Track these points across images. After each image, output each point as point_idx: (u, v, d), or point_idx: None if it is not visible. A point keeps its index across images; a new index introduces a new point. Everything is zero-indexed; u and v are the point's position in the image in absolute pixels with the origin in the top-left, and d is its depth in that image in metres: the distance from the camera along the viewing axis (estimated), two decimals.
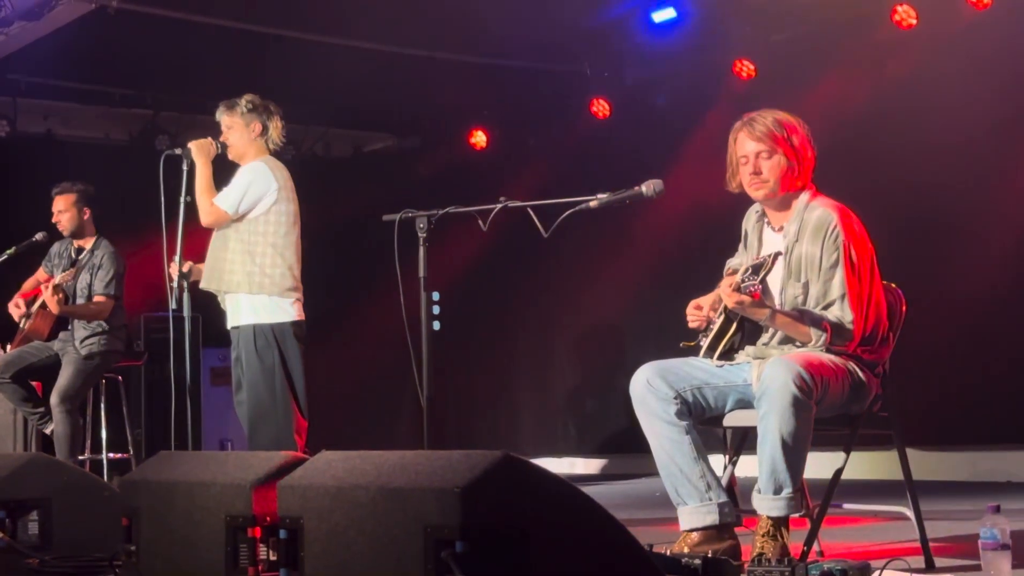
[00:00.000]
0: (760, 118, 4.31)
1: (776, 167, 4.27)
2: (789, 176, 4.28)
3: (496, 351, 10.85)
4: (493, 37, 8.81)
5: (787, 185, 4.30)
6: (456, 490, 2.78)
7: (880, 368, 4.28)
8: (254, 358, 5.88)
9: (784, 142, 4.26)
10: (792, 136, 4.28)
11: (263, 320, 5.91)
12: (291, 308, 5.95)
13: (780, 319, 4.15)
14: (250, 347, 5.89)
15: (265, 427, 5.86)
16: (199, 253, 6.08)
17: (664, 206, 4.91)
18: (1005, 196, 7.41)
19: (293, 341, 5.93)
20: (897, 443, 4.34)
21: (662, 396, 4.19)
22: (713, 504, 4.14)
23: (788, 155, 4.26)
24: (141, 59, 8.98)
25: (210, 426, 9.64)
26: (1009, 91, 7.39)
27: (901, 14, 7.74)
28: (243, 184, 5.92)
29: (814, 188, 4.35)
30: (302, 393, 5.95)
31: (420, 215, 4.62)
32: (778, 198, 4.33)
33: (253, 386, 5.89)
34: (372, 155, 11.71)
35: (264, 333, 5.89)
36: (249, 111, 6.01)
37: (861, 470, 7.16)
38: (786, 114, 4.34)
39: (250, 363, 5.89)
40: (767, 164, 4.27)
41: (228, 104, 6.05)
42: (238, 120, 6.02)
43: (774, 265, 4.24)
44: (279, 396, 5.87)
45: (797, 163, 4.28)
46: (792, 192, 4.32)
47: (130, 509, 3.86)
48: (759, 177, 4.28)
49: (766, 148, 4.26)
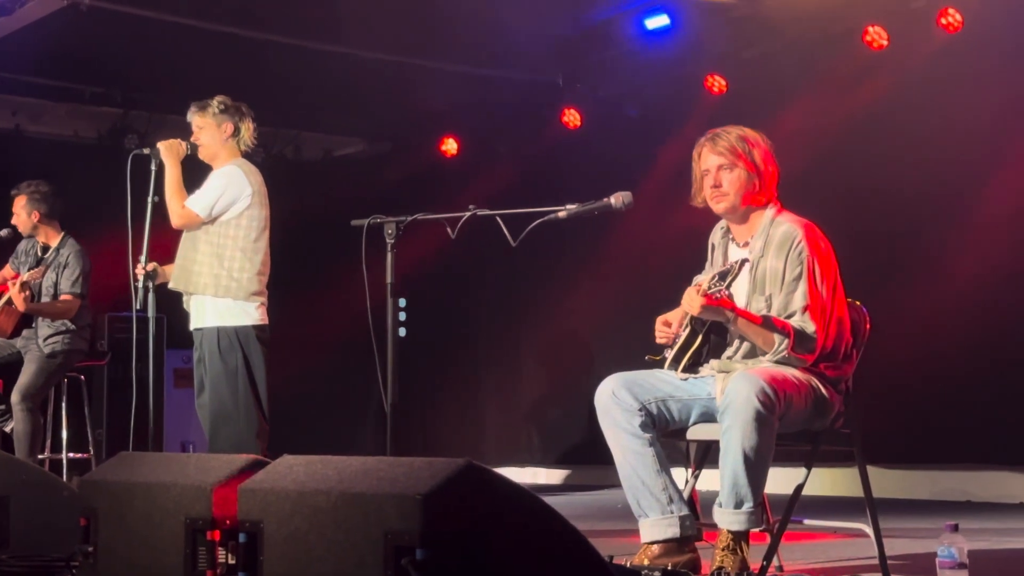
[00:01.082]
0: (724, 133, 4.34)
1: (736, 181, 4.30)
2: (750, 190, 4.31)
3: (462, 359, 10.85)
4: (466, 44, 8.81)
5: (748, 199, 4.32)
6: (418, 497, 2.77)
7: (843, 385, 4.31)
8: (217, 360, 5.85)
9: (745, 156, 4.29)
10: (754, 151, 4.31)
11: (227, 323, 5.88)
12: (255, 312, 5.93)
13: (743, 321, 4.16)
14: (213, 349, 5.86)
15: (226, 430, 5.83)
16: (165, 254, 6.05)
17: (633, 218, 4.92)
18: (973, 216, 7.47)
19: (257, 345, 5.91)
20: (858, 460, 4.37)
21: (627, 408, 4.20)
22: (674, 517, 4.15)
23: (749, 169, 4.29)
24: (112, 57, 8.94)
25: (172, 428, 9.59)
26: (979, 113, 7.45)
27: (872, 35, 7.79)
28: (217, 187, 5.90)
29: (779, 204, 4.37)
30: (264, 397, 5.93)
31: (388, 221, 4.61)
32: (739, 212, 4.35)
33: (215, 388, 5.86)
34: (342, 159, 11.69)
35: (228, 336, 5.86)
36: (221, 112, 5.98)
37: (822, 486, 7.21)
38: (750, 130, 4.37)
39: (213, 365, 5.86)
40: (728, 177, 4.30)
41: (200, 104, 6.02)
42: (209, 121, 5.99)
43: (740, 271, 4.26)
44: (241, 399, 5.84)
45: (759, 178, 4.30)
46: (755, 207, 4.35)
47: (89, 509, 3.83)
48: (719, 190, 4.32)
49: (727, 162, 4.30)
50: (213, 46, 8.50)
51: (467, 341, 10.80)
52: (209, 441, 5.92)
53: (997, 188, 7.34)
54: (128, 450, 4.77)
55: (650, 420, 4.21)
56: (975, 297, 7.48)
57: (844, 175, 8.00)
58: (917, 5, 7.69)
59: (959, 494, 7.45)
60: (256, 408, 5.88)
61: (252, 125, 6.08)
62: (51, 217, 7.52)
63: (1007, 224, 7.32)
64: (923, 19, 7.62)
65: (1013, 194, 7.28)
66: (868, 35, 7.80)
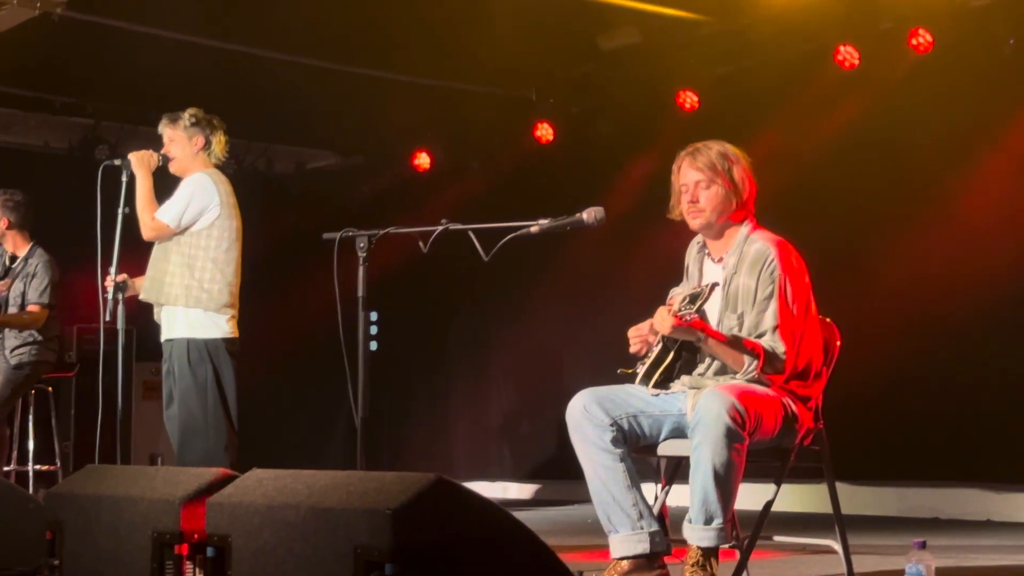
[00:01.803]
0: (704, 149, 4.35)
1: (713, 197, 4.31)
2: (727, 207, 4.32)
3: (433, 373, 10.83)
4: (440, 59, 8.82)
5: (725, 216, 4.34)
6: (387, 512, 2.76)
7: (813, 402, 4.32)
8: (187, 372, 5.82)
9: (723, 174, 4.31)
10: (733, 167, 4.33)
11: (197, 335, 5.85)
12: (226, 324, 5.90)
13: (713, 342, 4.18)
14: (183, 361, 5.83)
15: (196, 442, 5.80)
16: (135, 265, 6.01)
17: (605, 233, 4.93)
18: (943, 233, 7.52)
19: (226, 357, 5.88)
20: (827, 477, 4.38)
21: (598, 423, 4.20)
22: (644, 533, 4.15)
23: (727, 186, 4.31)
24: (83, 68, 8.90)
25: (140, 440, 9.53)
26: (950, 132, 7.50)
27: (844, 54, 7.84)
28: (185, 196, 5.87)
29: (755, 221, 4.39)
30: (234, 410, 5.90)
31: (360, 234, 4.60)
32: (715, 228, 4.37)
33: (184, 401, 5.83)
34: (315, 172, 11.67)
35: (198, 348, 5.83)
36: (192, 124, 5.96)
37: (791, 503, 7.22)
38: (731, 147, 4.38)
39: (182, 377, 5.83)
40: (705, 194, 4.32)
41: (171, 117, 6.00)
42: (180, 133, 5.97)
43: (711, 295, 4.27)
44: (211, 412, 5.81)
45: (736, 195, 4.32)
46: (732, 223, 4.36)
47: (55, 522, 3.80)
48: (696, 206, 4.33)
49: (705, 178, 4.31)
50: (185, 58, 8.47)
51: (438, 355, 10.79)
52: (177, 454, 5.88)
53: (967, 206, 7.39)
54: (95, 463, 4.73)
55: (621, 435, 4.21)
56: (943, 315, 7.52)
57: (816, 192, 8.04)
58: (887, 26, 7.75)
59: (927, 511, 7.48)
60: (226, 421, 5.85)
61: (224, 138, 6.06)
62: (21, 227, 7.47)
63: (978, 241, 7.37)
64: (894, 39, 7.67)
65: (983, 212, 7.33)
66: (840, 54, 7.84)
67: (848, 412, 6.43)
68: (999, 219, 7.31)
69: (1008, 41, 7.27)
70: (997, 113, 7.37)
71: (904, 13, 7.62)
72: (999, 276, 7.28)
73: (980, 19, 7.37)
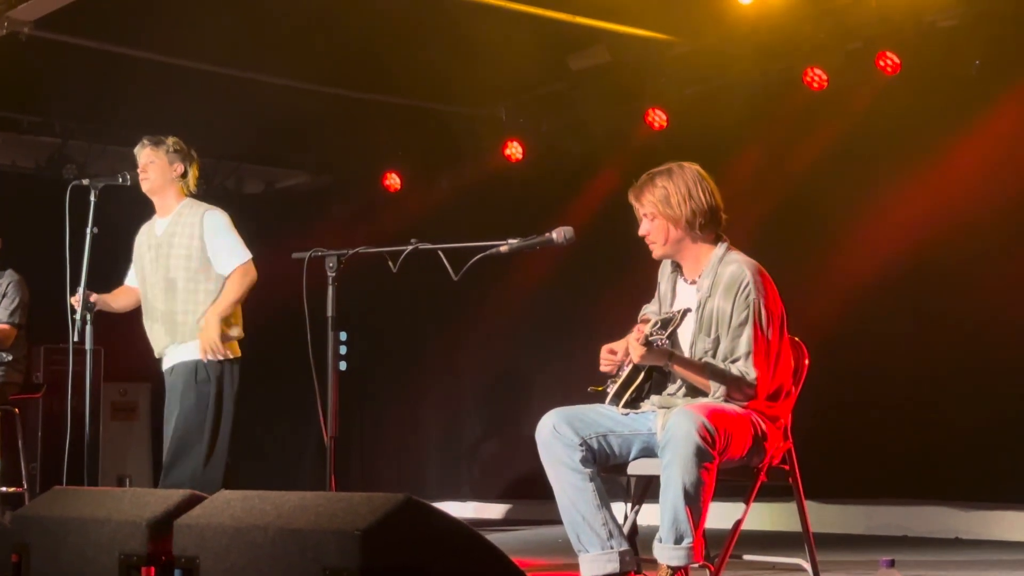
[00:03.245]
0: (647, 182, 4.39)
1: (660, 230, 4.36)
2: (676, 235, 4.35)
3: (402, 393, 10.80)
4: (411, 78, 8.83)
5: (683, 241, 4.36)
6: (356, 533, 2.75)
7: (782, 421, 4.34)
8: (192, 391, 5.83)
9: (661, 208, 4.32)
10: (671, 198, 4.32)
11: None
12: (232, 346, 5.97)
13: (680, 367, 4.19)
14: (190, 380, 5.85)
15: (187, 461, 5.79)
16: (103, 285, 5.99)
17: (575, 252, 4.94)
18: (913, 254, 7.56)
19: (232, 378, 5.93)
20: (796, 495, 4.39)
21: (568, 442, 4.20)
22: (614, 552, 4.15)
23: (671, 216, 4.32)
24: (51, 87, 8.86)
25: (108, 462, 9.46)
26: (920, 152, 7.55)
27: (812, 76, 7.89)
28: (230, 229, 6.00)
29: (728, 241, 4.40)
30: (228, 433, 5.91)
31: (330, 254, 4.59)
32: (679, 253, 4.40)
33: (185, 418, 5.82)
34: (284, 192, 11.64)
35: (205, 368, 5.85)
36: (175, 152, 6.03)
37: (761, 521, 7.24)
38: (676, 169, 4.38)
39: (186, 395, 5.83)
40: (652, 227, 4.38)
41: (154, 140, 6.06)
42: (162, 157, 6.03)
43: (682, 321, 4.28)
44: (207, 433, 5.82)
45: (680, 223, 4.31)
46: (702, 244, 4.37)
47: (20, 545, 3.77)
48: (648, 239, 4.40)
49: (648, 212, 4.36)
50: (154, 77, 8.45)
51: (408, 375, 10.76)
52: (165, 470, 5.85)
53: (938, 227, 7.43)
54: (63, 484, 4.70)
55: (591, 455, 4.22)
56: (911, 335, 7.57)
57: (784, 211, 8.07)
58: (855, 46, 7.80)
59: (895, 528, 7.51)
60: (221, 443, 5.87)
61: (197, 172, 6.15)
62: None
63: (947, 262, 7.41)
64: (861, 61, 7.72)
65: (953, 233, 7.37)
66: (808, 76, 7.89)
67: (817, 431, 6.46)
68: (966, 240, 7.36)
69: (974, 62, 7.33)
70: (963, 133, 7.43)
71: (871, 34, 7.67)
72: (965, 296, 7.33)
73: (946, 40, 7.43)
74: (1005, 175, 7.25)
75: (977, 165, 7.31)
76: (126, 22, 7.71)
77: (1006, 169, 7.25)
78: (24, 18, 7.34)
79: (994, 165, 7.28)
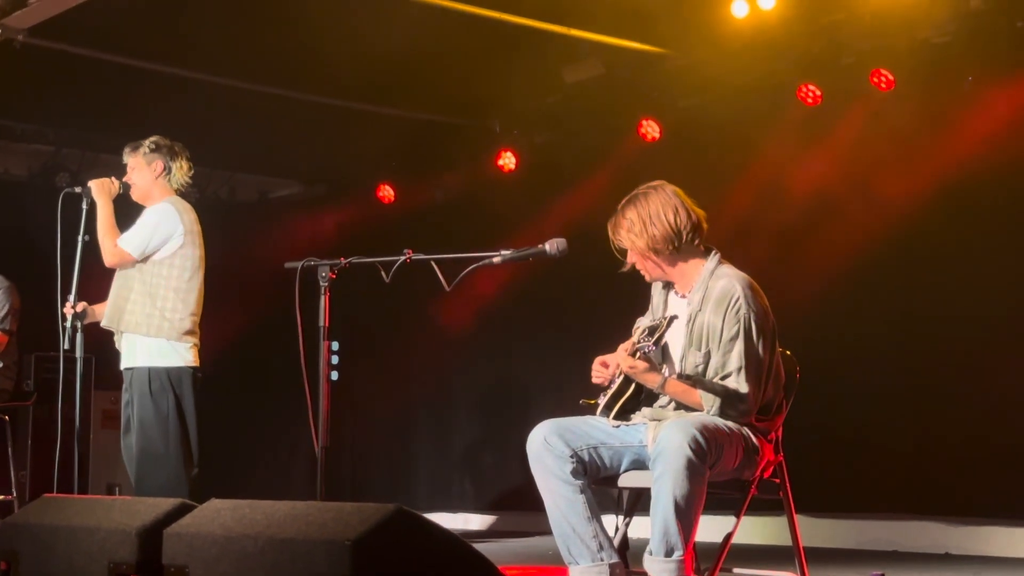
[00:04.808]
0: (616, 216, 4.39)
1: (649, 266, 4.41)
2: (658, 259, 4.36)
3: (394, 403, 10.79)
4: (405, 89, 8.83)
5: (673, 263, 4.37)
6: (347, 543, 2.75)
7: (773, 435, 4.34)
8: (148, 402, 5.78)
9: (633, 238, 4.33)
10: (641, 225, 4.32)
11: (159, 363, 5.82)
12: (188, 353, 5.88)
13: (671, 387, 4.20)
14: (144, 390, 5.79)
15: (156, 472, 5.75)
16: (95, 293, 5.98)
17: (568, 263, 4.94)
18: (903, 269, 7.57)
19: (189, 386, 5.86)
20: (787, 509, 4.39)
21: (559, 454, 4.20)
22: (604, 564, 4.14)
23: (646, 246, 4.33)
24: (44, 95, 8.85)
25: (99, 470, 9.43)
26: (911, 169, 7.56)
27: (806, 91, 7.90)
28: (149, 225, 5.86)
29: (719, 255, 4.40)
30: (195, 439, 5.87)
31: (323, 264, 4.60)
32: (670, 272, 4.41)
33: (145, 430, 5.78)
34: (278, 201, 11.64)
35: (160, 377, 5.80)
36: (152, 151, 5.99)
37: (752, 535, 7.23)
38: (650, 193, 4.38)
39: (143, 406, 5.79)
40: (642, 265, 4.42)
41: (133, 145, 6.05)
42: (140, 160, 6.00)
43: (668, 327, 4.29)
44: (172, 442, 5.77)
45: (663, 243, 4.32)
46: (692, 258, 4.38)
47: (9, 553, 3.76)
48: (644, 272, 4.43)
49: (631, 252, 4.39)
50: (147, 85, 8.45)
51: (400, 385, 10.75)
52: (135, 483, 5.83)
53: (931, 243, 7.44)
54: (52, 492, 4.68)
55: (582, 467, 4.22)
56: (903, 349, 7.57)
57: (777, 223, 8.08)
58: (848, 62, 7.82)
59: (886, 543, 7.50)
60: (186, 451, 5.82)
61: (186, 164, 6.07)
62: None
63: (936, 277, 7.42)
64: (855, 77, 7.74)
65: (947, 250, 7.38)
66: (802, 91, 7.90)
67: (808, 445, 6.46)
68: (959, 257, 7.37)
69: (967, 78, 7.35)
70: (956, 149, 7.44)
71: (865, 50, 7.69)
72: (959, 312, 7.33)
73: (940, 57, 7.45)
74: (999, 191, 7.26)
75: (971, 181, 7.32)
76: (120, 31, 7.71)
77: (1000, 185, 7.26)
78: (18, 26, 7.33)
79: (988, 181, 7.29)
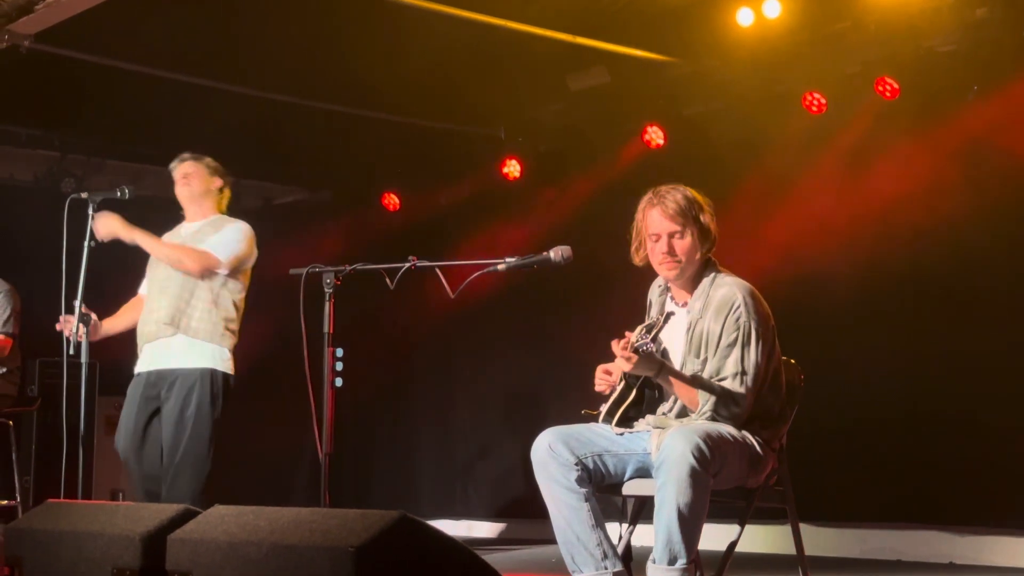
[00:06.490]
0: (671, 195, 4.35)
1: (689, 248, 4.33)
2: (699, 255, 4.35)
3: (398, 410, 10.79)
4: (410, 96, 8.84)
5: (695, 263, 4.36)
6: (350, 550, 2.75)
7: (776, 443, 4.33)
8: (206, 402, 5.88)
9: (694, 222, 4.32)
10: (700, 215, 4.34)
11: (219, 368, 5.96)
12: (231, 363, 6.05)
13: (668, 374, 4.19)
14: (204, 391, 5.88)
15: (199, 469, 5.82)
16: (99, 298, 5.98)
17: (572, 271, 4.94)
18: (906, 277, 7.57)
19: (229, 394, 6.01)
20: (791, 518, 4.39)
21: (563, 462, 4.20)
22: (608, 573, 4.14)
23: (697, 234, 4.32)
24: (50, 100, 8.86)
25: (102, 476, 9.43)
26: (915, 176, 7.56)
27: (811, 99, 7.90)
28: (241, 242, 6.10)
29: (718, 264, 4.41)
30: None
31: (327, 270, 4.61)
32: (686, 276, 4.39)
33: (197, 428, 5.84)
34: (282, 208, 11.64)
35: (218, 381, 5.96)
36: (214, 169, 6.24)
37: (755, 543, 7.22)
38: (693, 191, 4.40)
39: (200, 405, 5.87)
40: (680, 244, 4.33)
41: (195, 156, 6.22)
42: (203, 170, 6.20)
43: (666, 323, 4.30)
44: (213, 445, 5.87)
45: (704, 242, 4.34)
46: (699, 269, 4.38)
47: (13, 558, 3.76)
48: (673, 258, 4.33)
49: (679, 228, 4.32)
50: (153, 92, 8.46)
51: (404, 392, 10.75)
52: (169, 483, 5.82)
53: (936, 252, 7.44)
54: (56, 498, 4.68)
55: (586, 475, 4.21)
56: (908, 357, 7.56)
57: (777, 232, 8.07)
58: (853, 71, 7.82)
59: (889, 553, 7.49)
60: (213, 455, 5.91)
61: (229, 194, 6.39)
62: None
63: (946, 287, 7.42)
64: (860, 85, 7.74)
65: (951, 259, 7.38)
66: (807, 99, 7.91)
67: (811, 453, 6.46)
68: (964, 265, 7.36)
69: (972, 87, 7.35)
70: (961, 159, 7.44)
71: (870, 58, 7.69)
72: (962, 321, 7.33)
73: (945, 65, 7.45)
74: (1004, 200, 7.26)
75: (976, 191, 7.32)
76: (126, 36, 7.72)
77: (1005, 194, 7.26)
78: (24, 31, 7.35)
79: (992, 190, 7.29)
